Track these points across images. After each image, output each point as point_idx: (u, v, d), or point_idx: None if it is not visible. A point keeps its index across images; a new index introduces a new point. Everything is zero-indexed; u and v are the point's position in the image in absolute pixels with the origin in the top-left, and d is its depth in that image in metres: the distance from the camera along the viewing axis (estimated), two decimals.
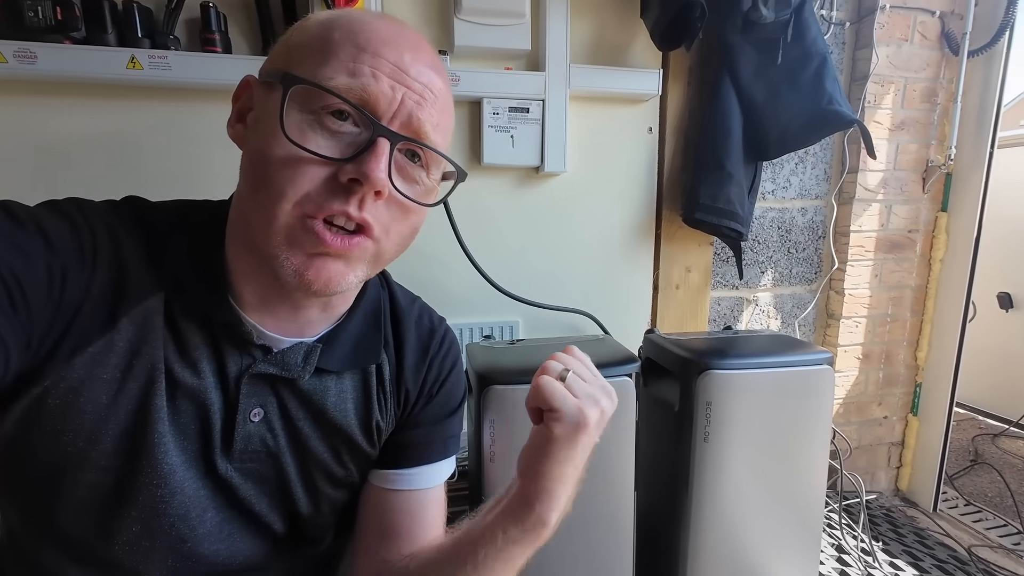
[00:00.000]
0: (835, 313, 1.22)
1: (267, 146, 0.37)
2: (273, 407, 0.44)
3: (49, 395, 0.36)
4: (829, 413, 0.72)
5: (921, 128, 1.18)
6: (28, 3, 0.71)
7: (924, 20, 1.13)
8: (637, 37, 0.97)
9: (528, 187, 0.98)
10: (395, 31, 0.39)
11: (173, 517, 0.41)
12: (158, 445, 0.39)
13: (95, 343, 0.37)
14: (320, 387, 0.45)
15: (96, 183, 0.80)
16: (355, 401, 0.48)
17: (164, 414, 0.39)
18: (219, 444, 0.42)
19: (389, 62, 0.37)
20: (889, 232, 1.21)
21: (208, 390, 0.41)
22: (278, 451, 0.45)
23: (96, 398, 0.37)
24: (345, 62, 0.36)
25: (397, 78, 0.37)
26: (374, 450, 0.50)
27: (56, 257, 0.36)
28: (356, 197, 0.36)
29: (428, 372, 0.52)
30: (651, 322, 1.09)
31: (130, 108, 0.80)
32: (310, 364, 0.44)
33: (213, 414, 0.41)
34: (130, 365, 0.38)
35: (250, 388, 0.42)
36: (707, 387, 0.64)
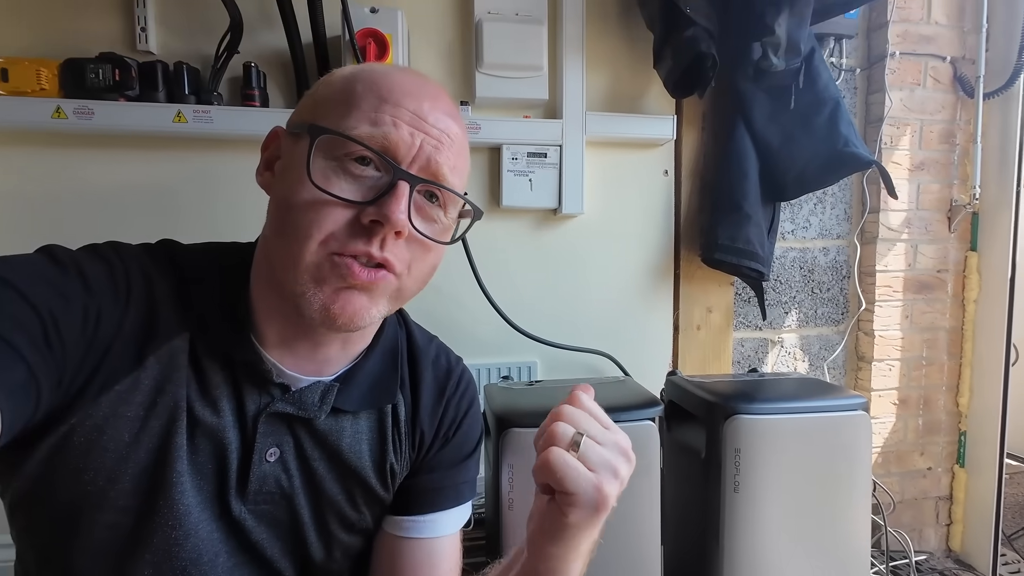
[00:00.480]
0: (866, 355, 1.18)
1: (294, 191, 0.39)
2: (289, 447, 0.44)
3: (75, 433, 0.37)
4: (868, 462, 0.67)
5: (941, 168, 1.17)
6: (91, 66, 0.78)
7: (935, 65, 1.15)
8: (651, 85, 1.01)
9: (546, 228, 0.99)
10: (414, 82, 0.42)
11: (185, 561, 0.40)
12: (175, 484, 0.39)
13: (122, 381, 0.38)
14: (336, 427, 0.45)
15: (141, 226, 0.84)
16: (370, 442, 0.47)
17: (183, 453, 0.40)
18: (234, 484, 0.42)
19: (408, 110, 0.39)
20: (917, 272, 1.18)
21: (226, 429, 0.41)
22: (292, 492, 0.44)
23: (119, 436, 0.38)
24: (367, 112, 0.39)
25: (416, 125, 0.40)
26: (388, 494, 0.49)
27: (93, 299, 0.38)
28: (378, 238, 0.38)
29: (444, 413, 0.52)
30: (672, 363, 1.07)
31: (174, 158, 0.86)
32: (327, 404, 0.44)
33: (230, 453, 0.42)
34: (154, 403, 0.39)
35: (267, 427, 0.43)
36: (735, 433, 0.61)
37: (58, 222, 0.83)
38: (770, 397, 0.65)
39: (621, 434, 0.40)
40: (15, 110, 0.77)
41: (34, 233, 0.81)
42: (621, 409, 0.61)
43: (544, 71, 0.93)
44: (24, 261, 0.38)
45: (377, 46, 0.83)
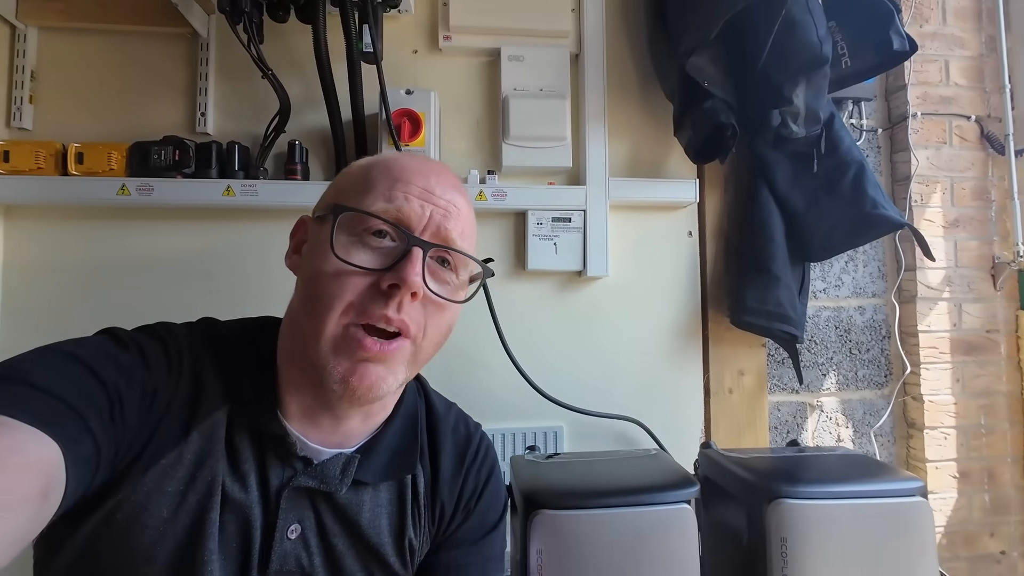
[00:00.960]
0: (916, 422, 1.10)
1: (319, 266, 0.42)
2: (310, 523, 0.44)
3: (119, 509, 0.38)
4: (932, 553, 0.61)
5: (978, 225, 1.14)
6: (155, 148, 0.87)
7: (960, 124, 1.15)
8: (672, 150, 1.04)
9: (571, 291, 1.00)
10: (423, 163, 0.47)
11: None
12: (206, 563, 0.39)
13: (168, 455, 0.40)
14: (356, 500, 0.46)
15: (190, 291, 0.90)
16: (389, 516, 0.47)
17: (215, 529, 0.40)
18: (256, 563, 0.42)
19: (418, 187, 0.44)
20: (964, 333, 1.12)
21: (253, 504, 0.42)
22: (312, 571, 0.44)
23: (158, 512, 0.39)
24: (382, 191, 0.43)
25: (425, 198, 0.44)
26: (406, 572, 0.48)
27: (151, 376, 0.40)
28: (395, 301, 0.41)
29: (465, 483, 0.51)
30: (705, 428, 1.02)
31: (221, 228, 0.92)
32: (348, 476, 0.44)
33: (254, 530, 0.42)
34: (193, 478, 0.40)
35: (289, 502, 0.43)
36: (780, 519, 0.57)
37: (117, 288, 0.89)
38: (816, 478, 0.60)
39: None
40: (87, 189, 0.84)
41: (98, 298, 0.88)
42: (654, 490, 0.58)
43: (567, 141, 0.98)
44: (93, 342, 0.41)
45: (411, 124, 0.89)
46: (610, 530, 0.55)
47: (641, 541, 0.55)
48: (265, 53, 0.85)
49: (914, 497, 0.58)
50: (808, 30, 0.79)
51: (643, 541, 0.55)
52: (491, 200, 0.93)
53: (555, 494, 0.56)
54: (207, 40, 0.93)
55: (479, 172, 0.95)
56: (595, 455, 0.71)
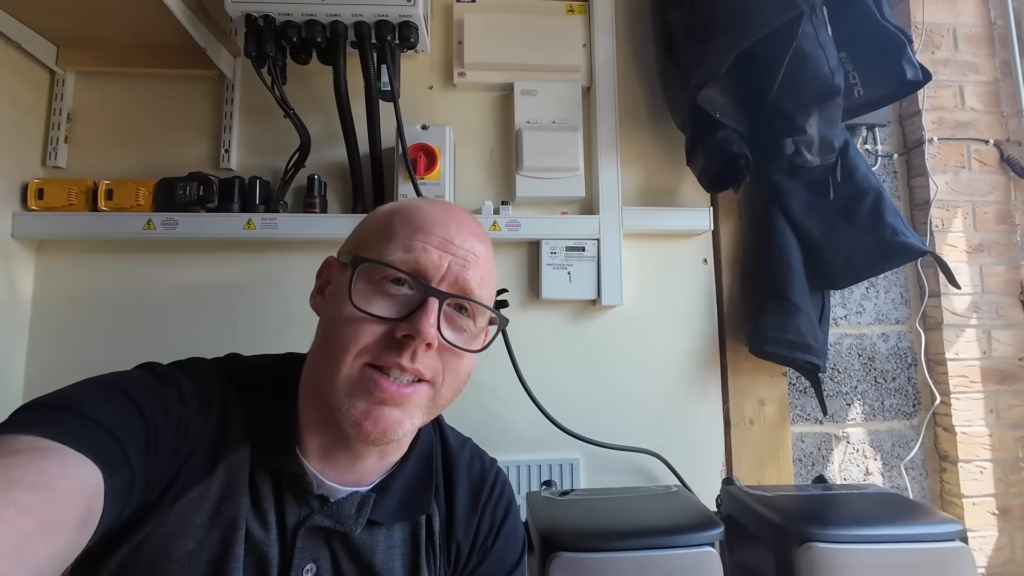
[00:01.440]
0: (949, 455, 1.05)
1: (338, 312, 0.43)
2: (326, 562, 0.44)
3: (147, 542, 0.38)
4: None
5: (1004, 250, 1.12)
6: (181, 184, 0.90)
7: (979, 148, 1.14)
8: (685, 179, 1.04)
9: (585, 320, 0.99)
10: (443, 211, 0.47)
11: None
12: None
13: (195, 488, 0.40)
14: (370, 541, 0.45)
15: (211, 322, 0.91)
16: (403, 556, 0.46)
17: (240, 564, 0.40)
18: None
19: (438, 236, 0.44)
20: (995, 361, 1.08)
21: (271, 543, 0.42)
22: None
23: (183, 545, 0.39)
24: (402, 240, 0.44)
25: (444, 248, 0.44)
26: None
27: (185, 410, 0.41)
28: (409, 351, 0.41)
29: (480, 522, 0.51)
30: (725, 460, 0.99)
31: (242, 260, 0.94)
32: (363, 516, 0.44)
33: (271, 568, 0.42)
34: (218, 512, 0.41)
35: (305, 541, 0.43)
36: (810, 565, 0.54)
37: (141, 320, 0.91)
38: (847, 520, 0.58)
39: None
40: (115, 224, 0.87)
41: (123, 329, 0.90)
42: (676, 531, 0.56)
43: (580, 171, 0.99)
44: (134, 375, 0.42)
45: (427, 158, 0.91)
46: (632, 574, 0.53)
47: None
48: (287, 93, 0.88)
49: (953, 542, 0.55)
50: (819, 63, 0.80)
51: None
52: (505, 230, 0.94)
53: (574, 535, 0.55)
54: (232, 81, 0.97)
55: (493, 203, 0.96)
56: (614, 491, 0.69)
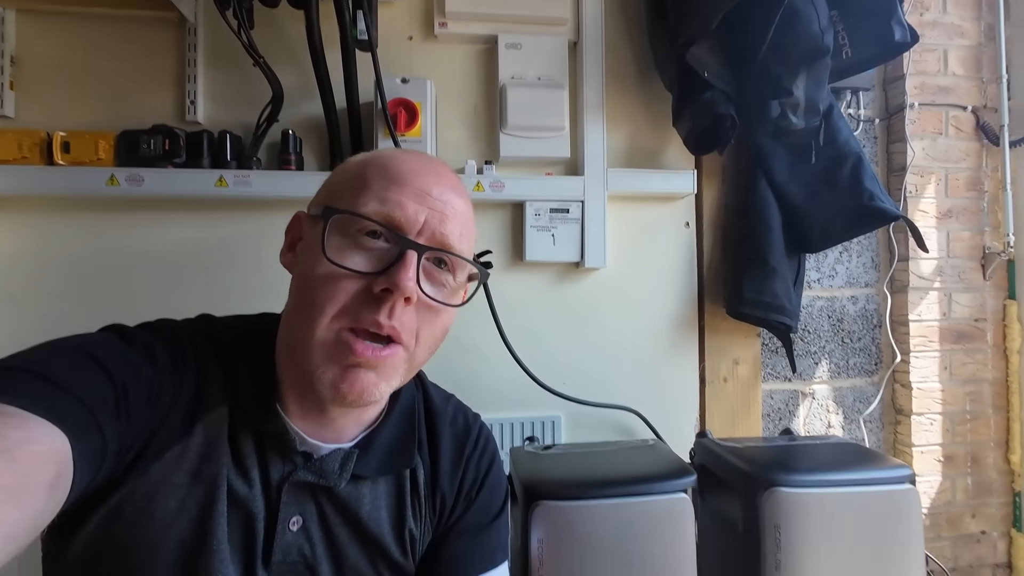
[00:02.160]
0: (904, 409, 1.13)
1: (311, 268, 0.42)
2: (312, 515, 0.45)
3: (126, 503, 0.38)
4: (919, 539, 0.63)
5: (971, 216, 1.16)
6: (144, 137, 0.84)
7: (956, 115, 1.15)
8: (670, 140, 1.03)
9: (569, 282, 1.00)
10: (420, 162, 0.45)
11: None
12: (216, 552, 0.40)
13: (172, 448, 0.40)
14: (356, 494, 0.46)
15: (184, 283, 0.89)
16: (389, 508, 0.48)
17: (224, 520, 0.41)
18: (260, 555, 0.43)
19: (414, 187, 0.43)
20: (953, 322, 1.14)
21: (255, 499, 0.43)
22: (315, 562, 0.44)
23: (165, 504, 0.39)
24: (377, 192, 0.42)
25: (421, 200, 0.43)
26: (407, 561, 0.48)
27: (157, 372, 0.40)
28: (387, 305, 0.40)
29: (465, 474, 0.52)
30: (700, 416, 1.04)
31: (215, 219, 0.90)
32: (346, 471, 0.45)
33: (257, 523, 0.42)
34: (199, 471, 0.41)
35: (290, 496, 0.44)
36: (774, 507, 0.58)
37: (107, 281, 0.87)
38: (809, 467, 0.62)
39: None
40: (75, 179, 0.82)
41: (86, 290, 0.87)
42: (652, 480, 0.59)
43: (566, 130, 0.97)
44: (99, 337, 0.41)
45: (407, 113, 0.87)
46: (609, 520, 0.57)
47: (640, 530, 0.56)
48: (256, 40, 0.82)
49: (903, 485, 0.60)
50: (810, 20, 0.78)
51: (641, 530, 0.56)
52: (488, 191, 0.92)
53: (555, 485, 0.58)
54: (195, 25, 0.90)
55: (476, 162, 0.93)
56: (593, 446, 0.72)
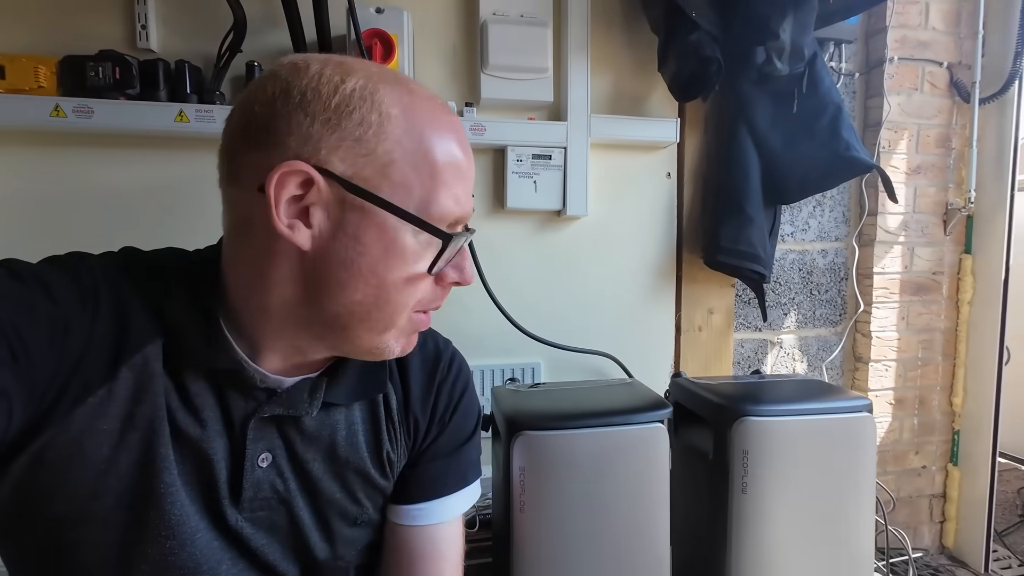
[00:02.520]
0: (863, 356, 1.19)
1: (383, 270, 0.38)
2: (281, 450, 0.43)
3: (48, 449, 0.36)
4: (872, 462, 0.68)
5: (938, 172, 1.19)
6: (91, 64, 0.77)
7: (932, 70, 1.17)
8: (654, 88, 1.02)
9: (550, 230, 0.99)
10: (466, 138, 0.43)
11: (185, 570, 0.39)
12: (165, 496, 0.38)
13: (96, 393, 0.37)
14: (329, 422, 0.45)
15: (144, 227, 0.84)
16: (365, 432, 0.47)
17: (170, 463, 0.38)
18: (227, 494, 0.41)
19: (471, 178, 0.43)
20: (913, 274, 1.19)
21: (212, 439, 0.40)
22: (289, 496, 0.44)
23: (96, 451, 0.37)
24: (452, 188, 0.40)
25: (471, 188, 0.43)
26: (387, 482, 0.49)
27: (58, 310, 0.36)
28: (448, 291, 0.44)
29: (437, 399, 0.51)
30: (675, 363, 1.07)
31: (176, 158, 0.85)
32: (316, 399, 0.43)
33: (218, 463, 0.41)
34: (131, 415, 0.38)
35: (256, 432, 0.42)
36: (743, 435, 0.62)
37: (60, 222, 0.82)
38: (777, 399, 0.66)
39: None
40: (13, 108, 0.75)
41: (38, 233, 0.81)
42: (629, 412, 0.61)
43: (549, 73, 0.93)
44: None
45: (383, 47, 0.82)
46: (589, 448, 0.59)
47: (617, 457, 0.59)
48: None
49: (861, 413, 0.64)
50: None
51: (619, 457, 0.59)
52: (469, 135, 0.88)
53: (536, 417, 0.59)
54: None
55: (456, 104, 0.90)
56: (575, 384, 0.74)
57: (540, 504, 0.59)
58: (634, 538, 0.61)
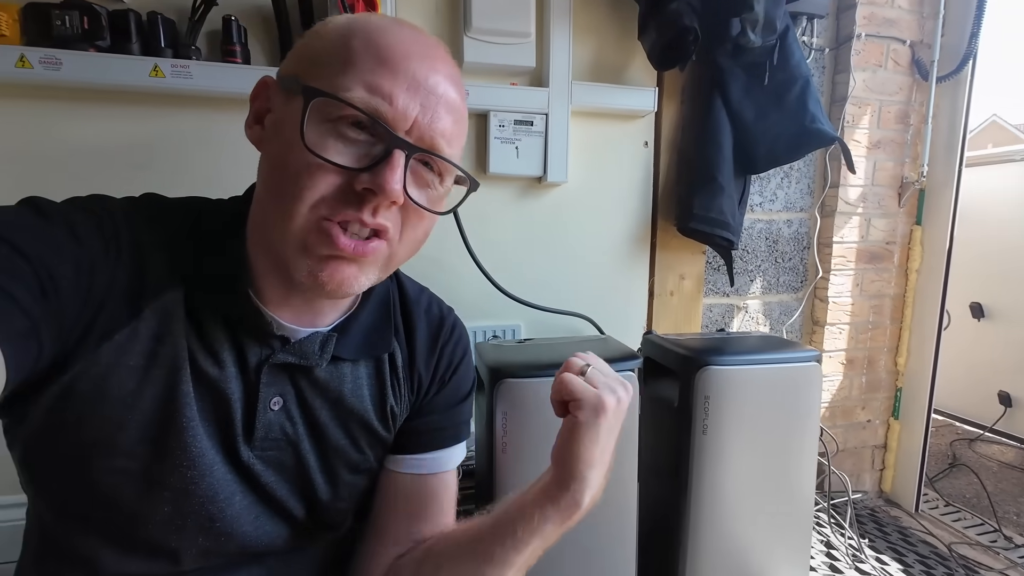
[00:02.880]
0: (820, 320, 1.28)
1: (286, 153, 0.38)
2: (291, 396, 0.46)
3: (78, 381, 0.38)
4: (817, 408, 0.76)
5: (896, 147, 1.26)
6: (57, 12, 0.74)
7: (896, 48, 1.22)
8: (634, 57, 1.04)
9: (531, 196, 1.02)
10: (414, 40, 0.40)
11: (203, 498, 0.42)
12: (187, 429, 0.41)
13: (121, 331, 0.39)
14: (337, 374, 0.47)
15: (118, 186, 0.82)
16: (370, 387, 0.49)
17: (191, 400, 0.41)
18: (241, 432, 0.44)
19: (407, 75, 0.38)
20: (869, 244, 1.28)
21: (229, 380, 0.43)
22: (297, 439, 0.46)
23: (123, 384, 0.39)
24: (364, 74, 0.37)
25: (413, 91, 0.38)
26: (389, 435, 0.52)
27: (83, 250, 0.37)
28: (370, 205, 0.38)
29: (440, 359, 0.54)
30: (647, 325, 1.13)
31: (151, 115, 0.83)
32: (327, 352, 0.46)
33: (234, 403, 0.43)
34: (155, 353, 0.40)
35: (269, 377, 0.44)
36: (706, 382, 0.68)
37: (28, 179, 0.80)
38: (736, 351, 0.72)
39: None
40: None
41: (2, 189, 0.78)
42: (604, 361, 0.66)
43: (531, 38, 0.94)
44: (11, 212, 0.37)
45: (365, 5, 0.81)
46: None
47: None
48: None
49: (810, 363, 0.71)
50: None
51: None
52: None
53: (517, 367, 0.63)
54: None
55: None
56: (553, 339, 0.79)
57: (520, 445, 0.64)
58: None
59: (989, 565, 1.11)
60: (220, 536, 0.44)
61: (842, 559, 1.08)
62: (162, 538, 0.42)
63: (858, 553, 1.10)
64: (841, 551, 1.11)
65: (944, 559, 1.12)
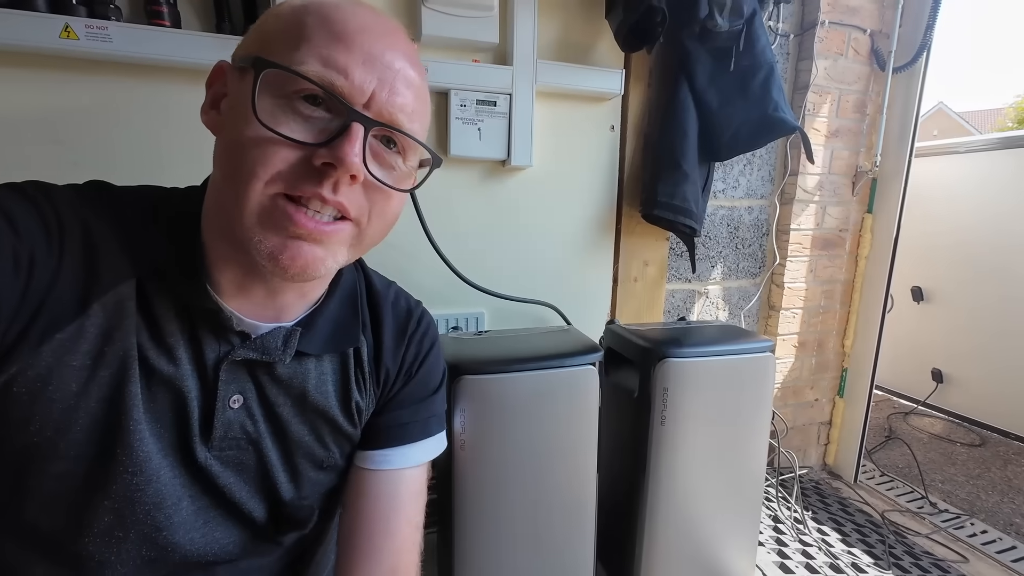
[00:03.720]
0: (776, 305, 1.33)
1: (240, 129, 0.36)
2: (252, 393, 0.44)
3: (15, 383, 0.35)
4: (770, 396, 0.79)
5: (852, 136, 1.29)
6: None
7: (857, 37, 1.24)
8: (601, 37, 1.00)
9: (494, 180, 0.99)
10: (369, 18, 0.39)
11: (148, 505, 0.40)
12: (133, 432, 0.38)
13: (64, 329, 0.36)
14: (300, 370, 0.46)
15: (29, 157, 0.73)
16: (335, 383, 0.48)
17: (139, 401, 0.38)
18: (197, 432, 0.42)
19: (363, 50, 0.37)
20: (823, 231, 1.32)
21: (184, 377, 0.40)
22: (258, 437, 0.44)
23: (65, 386, 0.36)
24: (318, 48, 0.36)
25: (369, 66, 0.37)
26: (355, 430, 0.50)
27: (22, 242, 0.35)
28: (330, 180, 0.36)
29: (407, 352, 0.53)
30: (611, 313, 1.14)
31: (64, 81, 0.74)
32: (290, 348, 0.44)
33: (190, 402, 0.41)
34: (101, 352, 0.37)
35: (228, 375, 0.42)
36: (665, 374, 0.68)
37: None
38: (695, 342, 0.73)
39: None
40: None
41: None
42: (565, 355, 0.66)
43: (495, 11, 0.89)
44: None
45: None
46: (524, 389, 0.63)
47: (550, 397, 0.63)
48: None
49: (764, 353, 0.73)
50: None
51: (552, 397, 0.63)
52: None
53: (477, 362, 0.62)
54: None
55: None
56: (515, 331, 0.77)
57: (479, 443, 0.63)
58: (565, 466, 0.68)
59: (916, 530, 1.20)
60: (165, 547, 0.41)
61: (787, 532, 1.15)
62: (99, 551, 0.39)
63: (800, 526, 1.17)
64: (787, 524, 1.17)
65: (877, 526, 1.21)
